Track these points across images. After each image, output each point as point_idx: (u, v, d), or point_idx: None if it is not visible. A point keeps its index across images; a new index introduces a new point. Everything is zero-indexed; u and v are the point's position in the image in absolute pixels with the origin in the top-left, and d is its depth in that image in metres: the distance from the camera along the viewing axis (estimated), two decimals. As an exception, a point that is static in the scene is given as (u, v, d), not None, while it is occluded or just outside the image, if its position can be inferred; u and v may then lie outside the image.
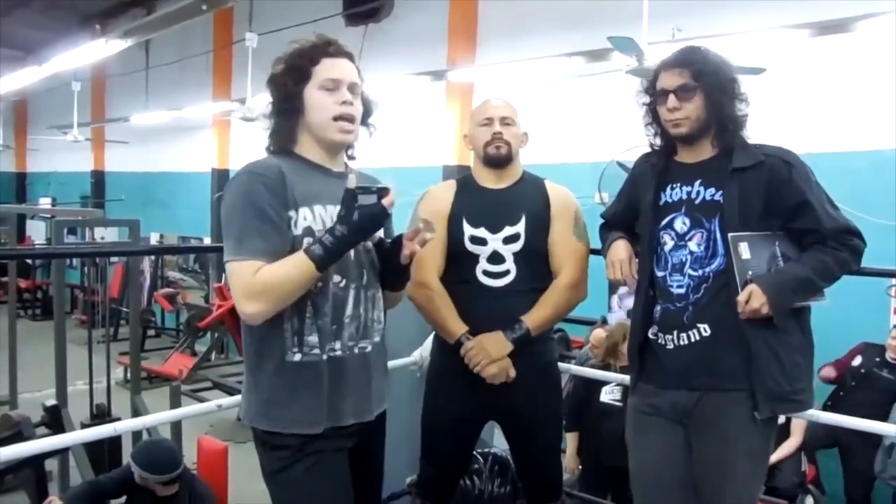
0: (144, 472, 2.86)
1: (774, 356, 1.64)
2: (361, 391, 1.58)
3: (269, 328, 1.49)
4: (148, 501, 2.98)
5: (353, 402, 1.56)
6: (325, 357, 1.51)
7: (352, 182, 1.44)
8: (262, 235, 1.43)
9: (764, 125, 1.78)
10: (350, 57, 1.58)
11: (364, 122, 1.63)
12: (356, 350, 1.56)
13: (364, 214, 1.42)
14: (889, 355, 3.94)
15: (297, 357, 1.50)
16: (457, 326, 1.98)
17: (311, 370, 1.50)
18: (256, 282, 1.41)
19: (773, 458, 3.58)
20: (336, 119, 1.54)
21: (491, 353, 1.94)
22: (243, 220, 1.44)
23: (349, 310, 1.55)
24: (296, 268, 1.42)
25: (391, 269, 1.62)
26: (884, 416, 3.59)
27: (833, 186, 1.73)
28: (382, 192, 1.44)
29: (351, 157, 1.66)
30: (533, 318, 1.97)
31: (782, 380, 1.64)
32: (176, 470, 2.89)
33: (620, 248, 1.85)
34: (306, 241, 1.47)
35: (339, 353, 1.53)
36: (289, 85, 1.53)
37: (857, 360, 4.00)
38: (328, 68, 1.54)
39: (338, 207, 1.47)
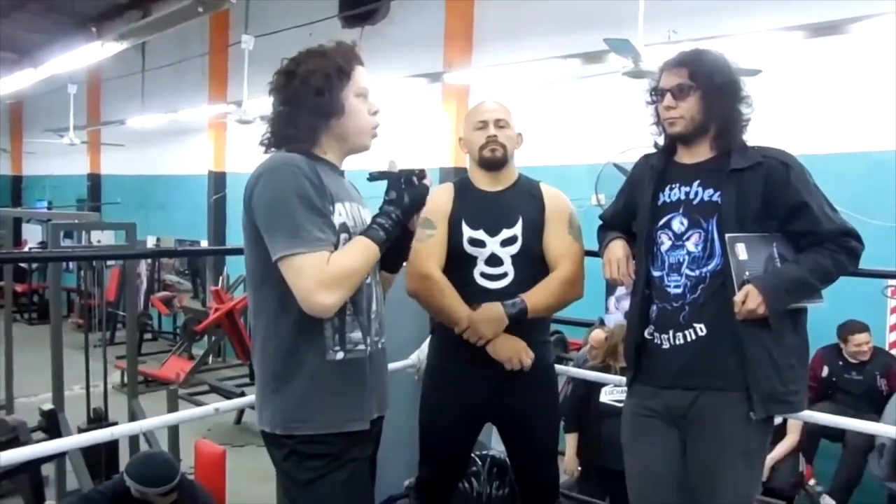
0: (142, 486, 2.80)
1: (769, 357, 1.64)
2: (382, 384, 1.61)
3: (303, 330, 1.46)
4: None
5: (377, 395, 1.58)
6: (367, 351, 1.53)
7: (395, 167, 1.51)
8: (319, 228, 1.41)
9: (760, 127, 1.79)
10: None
11: None
12: (379, 345, 1.59)
13: (414, 196, 1.51)
14: (847, 356, 4.00)
15: (340, 355, 1.49)
16: (463, 311, 1.96)
17: (355, 366, 1.51)
18: (331, 271, 1.38)
19: (770, 457, 3.59)
20: (372, 127, 1.58)
21: (486, 334, 1.92)
22: (298, 213, 1.40)
23: (374, 306, 1.57)
24: (365, 252, 1.44)
25: (399, 246, 1.62)
26: (868, 415, 3.62)
27: (830, 188, 1.74)
28: (421, 173, 1.53)
29: None
30: (532, 299, 1.96)
31: (776, 381, 1.65)
32: (173, 480, 2.83)
33: (617, 248, 1.85)
34: (342, 237, 1.47)
35: (370, 348, 1.55)
36: (335, 85, 1.50)
37: (825, 371, 4.02)
38: (362, 76, 1.55)
39: (355, 204, 1.54)
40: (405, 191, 1.49)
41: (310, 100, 1.49)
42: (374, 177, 1.54)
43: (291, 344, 1.47)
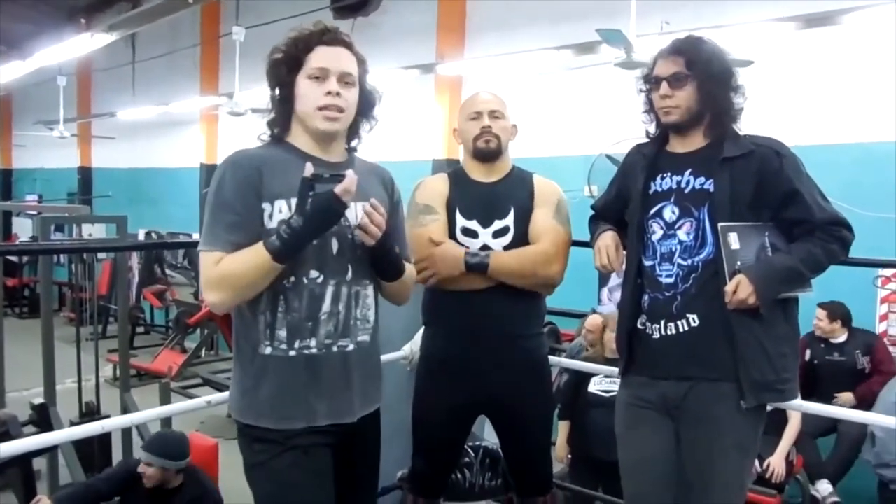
0: (154, 457, 2.93)
1: (760, 346, 1.65)
2: (340, 391, 1.53)
3: (248, 320, 1.51)
4: (145, 499, 2.98)
5: (330, 402, 1.52)
6: (292, 353, 1.49)
7: (308, 170, 1.42)
8: (228, 227, 1.45)
9: (753, 118, 1.79)
10: (347, 45, 1.55)
11: (365, 113, 1.60)
12: (334, 348, 1.52)
13: (317, 203, 1.40)
14: (824, 337, 4.06)
15: (268, 350, 1.50)
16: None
17: (279, 364, 1.50)
18: (217, 272, 1.44)
19: (783, 445, 3.60)
20: (321, 108, 1.50)
21: (440, 270, 1.95)
22: (214, 212, 1.47)
23: (326, 306, 1.51)
24: (253, 259, 1.42)
25: (375, 258, 1.57)
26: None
27: (821, 179, 1.73)
28: (335, 178, 1.41)
29: (352, 149, 1.63)
30: (499, 258, 1.95)
31: (768, 370, 1.65)
32: (183, 460, 2.99)
33: (607, 236, 1.86)
34: None
35: (314, 350, 1.50)
36: (282, 74, 1.53)
37: (807, 355, 4.06)
38: (319, 57, 1.51)
39: None
40: (310, 197, 1.40)
41: (273, 91, 1.56)
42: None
43: (240, 331, 1.55)
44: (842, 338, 4.06)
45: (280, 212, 1.47)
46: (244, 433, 1.54)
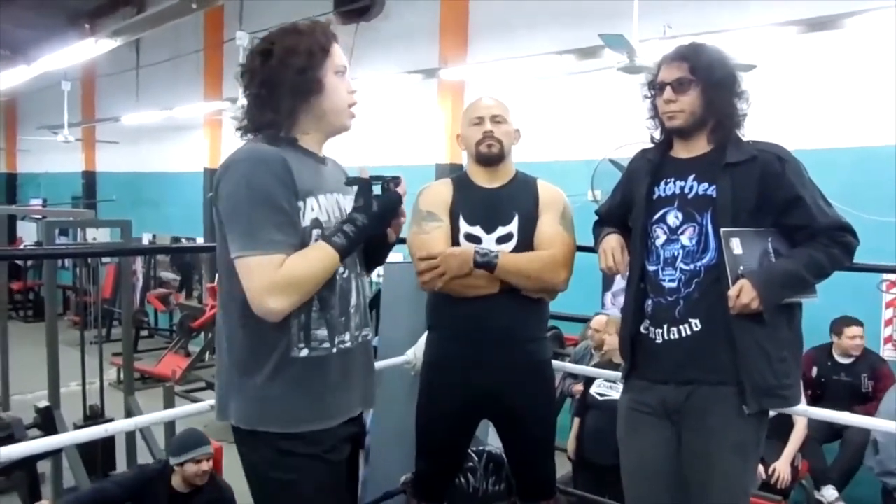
0: (205, 450, 3.02)
1: (762, 351, 1.65)
2: (366, 378, 1.59)
3: (269, 325, 1.40)
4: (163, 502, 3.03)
5: (360, 390, 1.56)
6: (335, 350, 1.48)
7: (365, 173, 1.47)
8: (277, 227, 1.36)
9: (755, 122, 1.79)
10: None
11: None
12: (360, 339, 1.56)
13: (384, 204, 1.47)
14: (837, 356, 4.03)
15: (304, 353, 1.44)
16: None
17: (319, 364, 1.46)
18: (282, 276, 1.35)
19: (788, 450, 3.60)
20: (350, 106, 1.54)
21: (451, 268, 1.94)
22: (254, 211, 1.36)
23: (353, 300, 1.54)
24: (323, 259, 1.40)
25: (376, 251, 1.63)
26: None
27: (824, 182, 1.74)
28: (394, 180, 1.49)
29: None
30: (508, 258, 1.96)
31: (769, 375, 1.65)
32: (209, 445, 3.07)
33: (612, 238, 1.86)
34: (315, 232, 1.44)
35: (348, 344, 1.51)
36: (317, 63, 1.47)
37: (814, 372, 4.04)
38: (339, 54, 1.52)
39: (334, 196, 1.50)
40: (374, 198, 1.45)
41: (289, 79, 1.44)
42: (349, 181, 1.51)
43: (258, 337, 1.43)
44: (852, 357, 4.02)
45: (312, 210, 1.45)
46: (266, 443, 1.44)
